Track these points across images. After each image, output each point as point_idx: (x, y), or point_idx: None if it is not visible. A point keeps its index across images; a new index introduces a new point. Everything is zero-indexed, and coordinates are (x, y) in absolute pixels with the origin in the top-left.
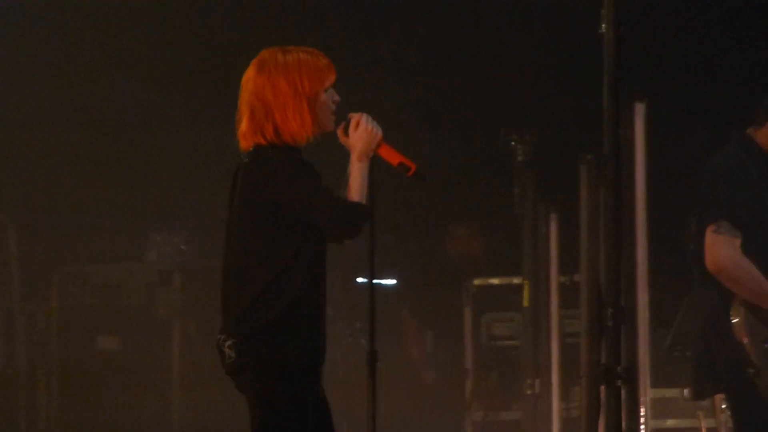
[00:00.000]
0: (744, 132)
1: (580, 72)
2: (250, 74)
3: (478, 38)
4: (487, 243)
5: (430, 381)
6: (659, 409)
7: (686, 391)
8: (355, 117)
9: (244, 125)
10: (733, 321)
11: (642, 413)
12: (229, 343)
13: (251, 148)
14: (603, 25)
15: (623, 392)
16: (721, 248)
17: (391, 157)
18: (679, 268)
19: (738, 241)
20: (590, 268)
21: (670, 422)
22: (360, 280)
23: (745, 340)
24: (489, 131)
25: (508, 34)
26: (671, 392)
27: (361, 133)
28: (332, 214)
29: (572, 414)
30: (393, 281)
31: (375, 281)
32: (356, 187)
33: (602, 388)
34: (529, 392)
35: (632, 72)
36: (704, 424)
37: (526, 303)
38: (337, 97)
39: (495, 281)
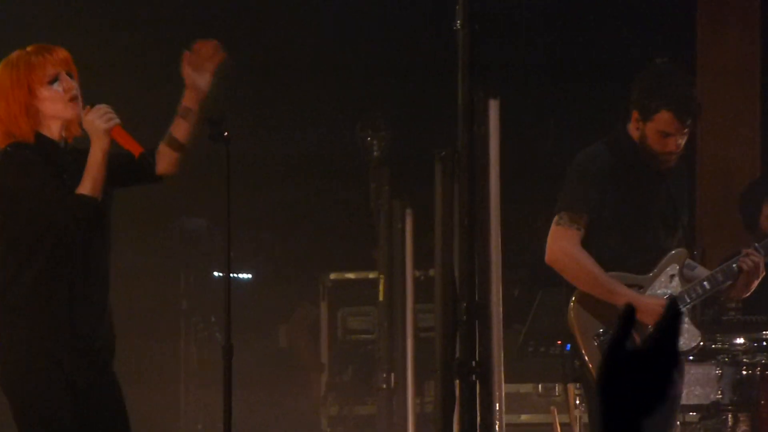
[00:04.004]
0: (619, 127)
1: (435, 68)
2: None
3: (333, 33)
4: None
5: (285, 375)
6: (513, 405)
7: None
8: (86, 109)
9: None
10: (569, 314)
11: (496, 408)
12: None
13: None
14: (458, 22)
15: (478, 387)
16: (558, 240)
17: (125, 142)
18: (532, 265)
19: (577, 234)
20: (445, 264)
21: (524, 417)
22: (216, 274)
23: (576, 334)
24: (344, 127)
25: (364, 29)
26: (525, 387)
27: (87, 125)
28: (56, 206)
29: (427, 409)
30: (249, 275)
31: (231, 275)
32: (85, 177)
33: (457, 382)
34: (384, 387)
35: (487, 68)
36: (558, 419)
37: (381, 297)
38: (68, 85)
39: (351, 276)
